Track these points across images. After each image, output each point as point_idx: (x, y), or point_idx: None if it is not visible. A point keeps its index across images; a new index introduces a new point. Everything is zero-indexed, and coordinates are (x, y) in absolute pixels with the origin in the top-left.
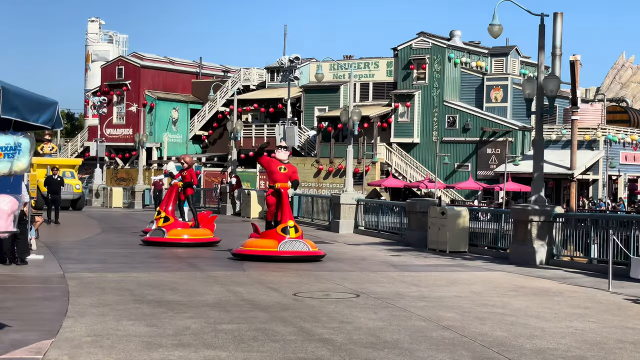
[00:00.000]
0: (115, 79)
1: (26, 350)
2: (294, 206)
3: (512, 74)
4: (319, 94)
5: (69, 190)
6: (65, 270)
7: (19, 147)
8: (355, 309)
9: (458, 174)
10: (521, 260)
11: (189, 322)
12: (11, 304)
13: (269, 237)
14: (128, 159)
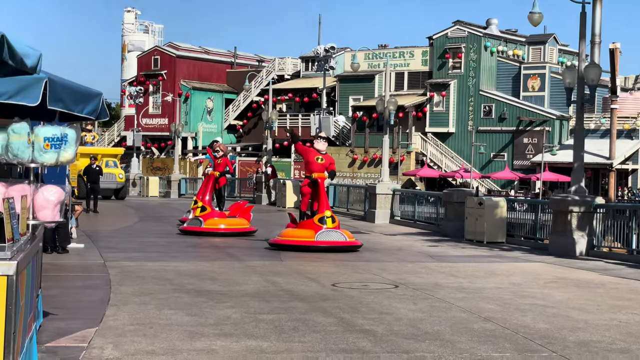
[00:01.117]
0: (151, 69)
1: (71, 338)
2: (329, 196)
3: (549, 63)
4: (353, 84)
5: (112, 180)
6: (106, 259)
7: (65, 137)
8: (395, 299)
9: (494, 164)
10: (560, 251)
11: (230, 311)
12: (54, 292)
13: (306, 227)
14: (164, 148)
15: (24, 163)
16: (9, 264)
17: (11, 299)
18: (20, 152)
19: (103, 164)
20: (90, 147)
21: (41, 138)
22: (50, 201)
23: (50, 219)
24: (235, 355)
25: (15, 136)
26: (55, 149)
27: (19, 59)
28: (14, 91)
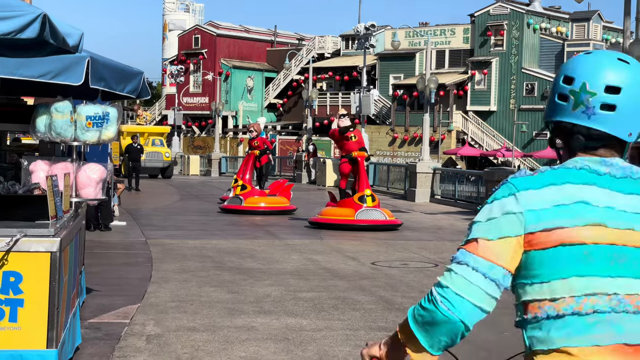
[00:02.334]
0: (192, 48)
1: (114, 314)
2: (369, 175)
3: (594, 40)
4: (394, 62)
5: (159, 158)
6: (147, 237)
7: (107, 116)
8: (434, 278)
9: (536, 143)
10: None
11: (269, 289)
12: (97, 269)
13: (346, 206)
14: (204, 127)
15: (66, 141)
16: (52, 240)
17: (55, 275)
18: (63, 131)
19: (150, 143)
20: (138, 125)
21: (83, 117)
22: (93, 179)
23: (92, 196)
24: (274, 332)
25: (58, 115)
26: (97, 128)
27: (61, 38)
28: (57, 71)
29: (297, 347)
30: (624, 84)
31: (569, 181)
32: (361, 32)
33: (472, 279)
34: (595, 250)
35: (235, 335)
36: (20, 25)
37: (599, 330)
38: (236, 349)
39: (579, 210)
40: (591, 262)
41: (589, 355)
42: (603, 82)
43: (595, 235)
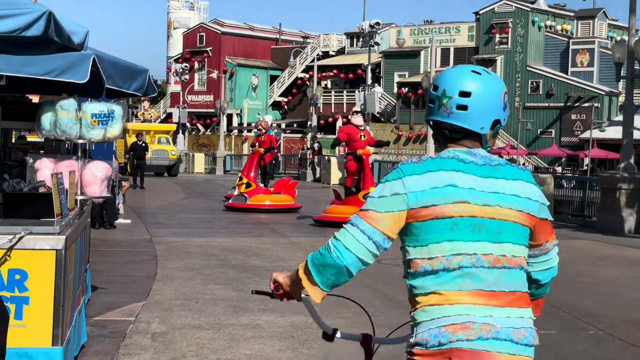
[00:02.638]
0: (197, 46)
1: (119, 312)
2: (375, 172)
3: (599, 38)
4: (399, 60)
5: (165, 156)
6: (152, 235)
7: (112, 114)
8: None
9: (541, 140)
10: (608, 229)
11: None
12: (102, 267)
13: (351, 204)
14: (209, 125)
15: (71, 139)
16: (57, 238)
17: (60, 273)
18: (68, 129)
19: (155, 141)
20: (144, 123)
21: (88, 114)
22: (98, 177)
23: (97, 194)
24: (280, 330)
25: (63, 113)
26: (102, 125)
27: (66, 36)
28: (62, 68)
29: (302, 345)
30: (473, 89)
31: (442, 168)
32: (366, 29)
33: (359, 238)
34: (460, 221)
35: (241, 333)
36: (26, 23)
37: (462, 279)
38: (241, 347)
39: (448, 191)
40: (457, 230)
41: (455, 295)
42: (457, 88)
43: (460, 210)
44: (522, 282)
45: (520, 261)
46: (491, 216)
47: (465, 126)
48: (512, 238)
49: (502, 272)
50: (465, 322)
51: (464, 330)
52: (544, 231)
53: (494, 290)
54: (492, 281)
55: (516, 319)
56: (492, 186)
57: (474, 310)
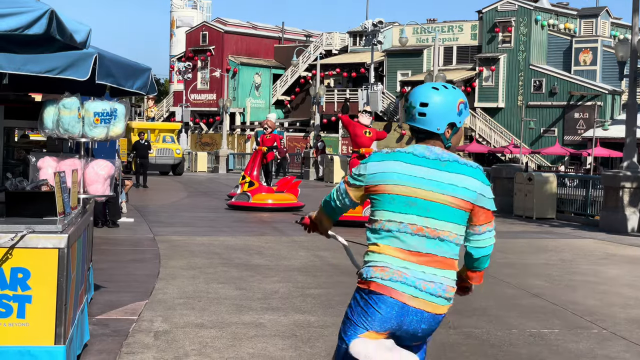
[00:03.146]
0: (200, 45)
1: (121, 311)
2: None
3: (602, 36)
4: (401, 58)
5: (169, 155)
6: (155, 233)
7: (115, 112)
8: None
9: (544, 139)
10: (611, 228)
11: (277, 286)
12: (105, 265)
13: None
14: (212, 124)
15: (74, 138)
16: (60, 237)
17: (62, 272)
18: (70, 127)
19: (160, 139)
20: (149, 122)
21: (91, 113)
22: (101, 175)
23: (100, 192)
24: (282, 329)
25: (65, 111)
26: (105, 124)
27: (69, 34)
28: (64, 66)
29: (305, 344)
30: (430, 101)
31: (395, 159)
32: (369, 28)
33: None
34: (397, 197)
35: (243, 331)
36: (28, 21)
37: (390, 239)
38: (244, 346)
39: (392, 176)
40: (394, 204)
41: (384, 249)
42: (419, 100)
43: (397, 190)
44: (442, 249)
45: (443, 234)
46: (423, 197)
47: (425, 128)
48: (438, 216)
49: (423, 239)
50: (384, 266)
51: (382, 271)
52: (479, 216)
53: (413, 250)
54: (413, 244)
55: (429, 275)
56: (433, 175)
57: (393, 260)
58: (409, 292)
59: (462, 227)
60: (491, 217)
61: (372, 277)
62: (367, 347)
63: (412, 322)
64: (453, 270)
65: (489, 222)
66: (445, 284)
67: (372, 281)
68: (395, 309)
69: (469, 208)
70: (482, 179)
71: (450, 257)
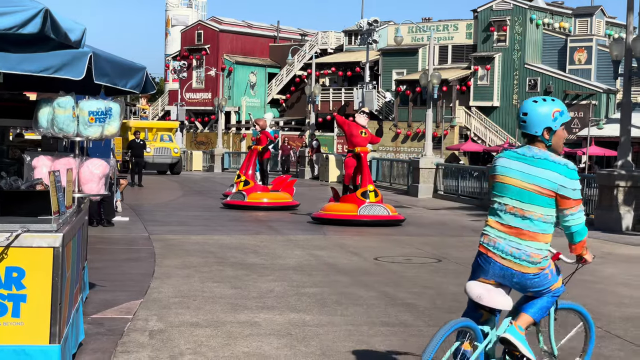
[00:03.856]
0: (195, 44)
1: (117, 310)
2: (372, 170)
3: (596, 35)
4: (397, 57)
5: (167, 154)
6: (150, 232)
7: (110, 111)
8: (438, 274)
9: None
10: (606, 226)
11: (272, 285)
12: (100, 264)
13: (349, 201)
14: (207, 122)
15: (69, 137)
16: (55, 236)
17: (57, 271)
18: (65, 126)
19: (158, 138)
20: (146, 121)
21: (86, 112)
22: (95, 174)
23: (95, 191)
24: (277, 328)
25: (60, 110)
26: (99, 123)
27: (63, 33)
28: (58, 65)
29: (300, 343)
30: (529, 111)
31: (505, 156)
32: (364, 27)
33: None
34: (500, 184)
35: (238, 330)
36: (22, 20)
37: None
38: (239, 345)
39: (502, 170)
40: (498, 189)
41: (490, 222)
42: (521, 111)
43: (500, 179)
44: (527, 225)
45: (528, 213)
46: (516, 185)
47: (526, 132)
48: (525, 199)
49: (513, 217)
50: (487, 234)
51: (485, 237)
52: (562, 202)
53: (506, 224)
54: (506, 219)
55: (515, 243)
56: (525, 169)
57: (493, 230)
58: (499, 254)
59: (548, 209)
60: (574, 203)
61: (481, 241)
62: (473, 286)
63: (505, 275)
64: (537, 241)
65: (572, 207)
66: (528, 251)
67: (480, 244)
68: (491, 265)
69: (552, 195)
70: (565, 173)
71: (534, 232)
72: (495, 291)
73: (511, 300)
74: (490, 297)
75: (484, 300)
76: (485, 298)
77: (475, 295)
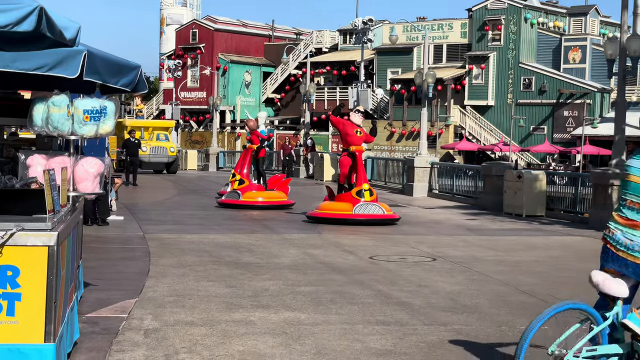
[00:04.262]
0: (190, 43)
1: (111, 309)
2: (367, 169)
3: (591, 34)
4: (392, 56)
5: (164, 153)
6: (145, 231)
7: (105, 110)
8: (432, 272)
9: (533, 137)
10: (601, 225)
11: (268, 283)
12: (95, 263)
13: (344, 200)
14: (202, 122)
15: (63, 135)
16: (49, 234)
17: (52, 269)
18: (59, 125)
19: (154, 137)
20: (143, 120)
21: (80, 110)
22: (90, 173)
23: (90, 190)
24: (273, 326)
25: (54, 109)
26: (94, 122)
27: (58, 31)
28: (53, 64)
29: (295, 341)
30: None
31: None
32: (359, 26)
33: None
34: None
35: (234, 329)
36: (17, 18)
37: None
38: (234, 343)
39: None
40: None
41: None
42: None
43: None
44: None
45: None
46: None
47: None
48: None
49: (631, 211)
50: (609, 227)
51: (607, 230)
52: None
53: (624, 217)
54: (626, 213)
55: (630, 234)
56: None
57: (614, 223)
58: (615, 245)
59: None
60: None
61: (603, 233)
62: (594, 274)
63: (622, 265)
64: None
65: None
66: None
67: (602, 236)
68: (609, 255)
69: None
70: None
71: None
72: (611, 280)
73: (627, 288)
74: (605, 285)
75: (600, 287)
76: (601, 286)
77: (594, 283)
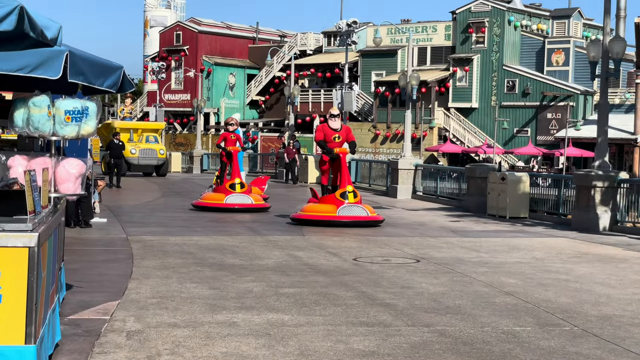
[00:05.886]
0: (173, 45)
1: (94, 311)
2: (351, 171)
3: (574, 37)
4: (376, 59)
5: (153, 156)
6: (128, 233)
7: (86, 111)
8: (416, 274)
9: (517, 139)
10: (583, 227)
11: (251, 285)
12: (77, 265)
13: (328, 202)
14: (186, 124)
15: (45, 136)
16: (30, 235)
17: (33, 271)
18: (40, 125)
19: (143, 140)
20: (131, 121)
21: (62, 111)
22: (72, 174)
23: (71, 191)
24: (256, 328)
25: (35, 109)
26: (76, 122)
27: (39, 30)
28: (35, 64)
29: (279, 343)
30: None
31: None
32: (343, 29)
33: None
34: None
35: (217, 330)
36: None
37: None
38: (217, 345)
39: None
40: None
41: None
42: None
43: None
44: None
45: None
46: None
47: None
48: None
49: None
50: None
51: None
52: None
53: None
54: None
55: None
56: None
57: None
58: None
59: None
60: None
61: None
62: None
63: None
64: None
65: None
66: None
67: None
68: None
69: None
70: None
71: None
72: None
73: None
74: None
75: None
76: None
77: None
